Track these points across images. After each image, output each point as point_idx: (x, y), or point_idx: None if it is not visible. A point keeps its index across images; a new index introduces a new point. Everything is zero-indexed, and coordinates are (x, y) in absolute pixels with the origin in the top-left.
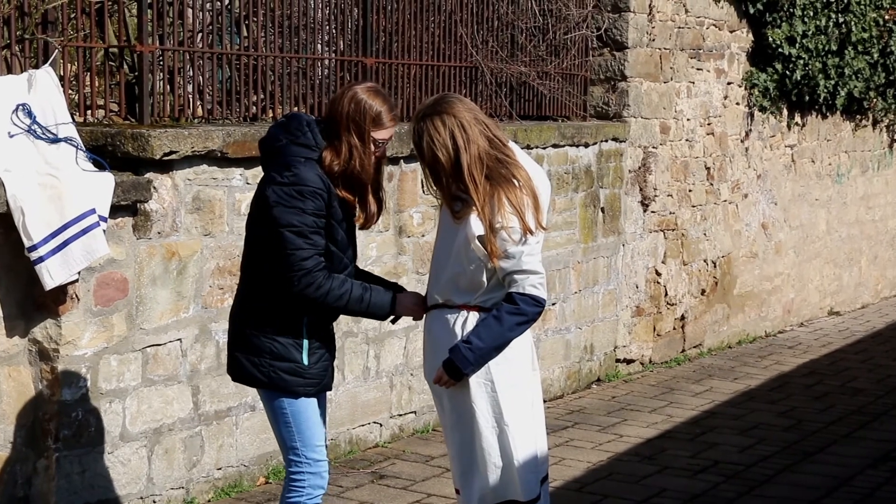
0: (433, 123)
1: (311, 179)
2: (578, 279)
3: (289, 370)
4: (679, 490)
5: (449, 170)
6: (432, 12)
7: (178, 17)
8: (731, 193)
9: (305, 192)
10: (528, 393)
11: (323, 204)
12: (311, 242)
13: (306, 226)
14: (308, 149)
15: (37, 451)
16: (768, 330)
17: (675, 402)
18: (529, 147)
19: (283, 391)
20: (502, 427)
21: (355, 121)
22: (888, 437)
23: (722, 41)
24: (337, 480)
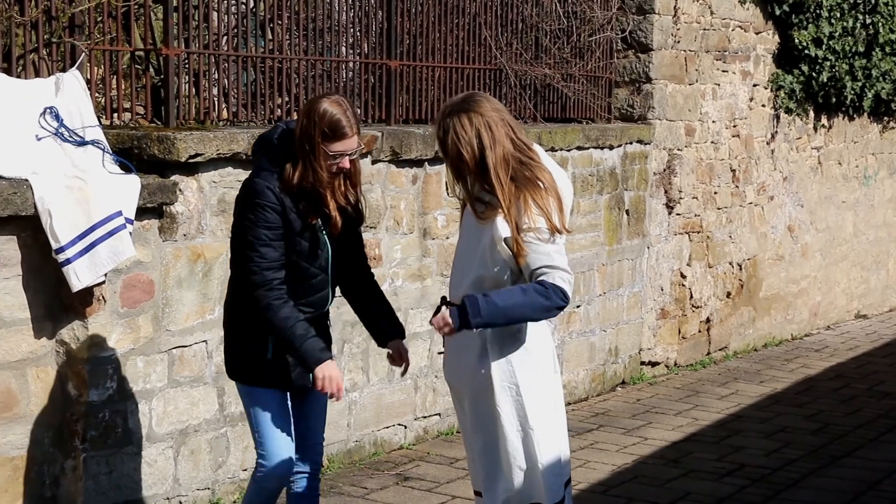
0: (460, 120)
1: (261, 192)
2: (603, 281)
3: (247, 357)
4: (704, 493)
5: (473, 168)
6: (456, 15)
7: (204, 21)
8: (756, 196)
9: (256, 205)
10: (551, 396)
11: (275, 217)
12: (260, 255)
13: (256, 238)
14: (270, 161)
15: (64, 452)
16: (795, 333)
17: (701, 405)
18: (554, 149)
19: (239, 378)
20: (527, 430)
21: (308, 134)
22: None
23: (748, 43)
24: (362, 482)
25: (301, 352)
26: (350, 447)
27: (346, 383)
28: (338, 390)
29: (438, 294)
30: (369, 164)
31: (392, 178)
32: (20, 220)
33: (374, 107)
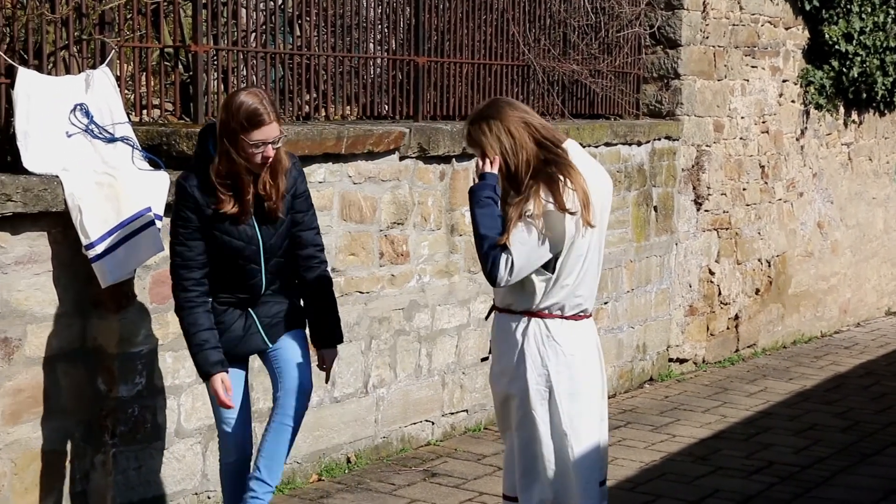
0: (481, 129)
1: (179, 192)
2: (631, 278)
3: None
4: (733, 491)
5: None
6: (484, 11)
7: (232, 17)
8: (786, 192)
9: (175, 205)
10: (588, 398)
11: (189, 214)
12: (176, 253)
13: (174, 237)
14: (198, 158)
15: (94, 447)
16: (824, 330)
17: (729, 403)
18: (582, 145)
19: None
20: (561, 435)
21: (228, 128)
22: None
23: (777, 38)
24: (389, 478)
25: (196, 361)
26: (377, 443)
27: (374, 379)
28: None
29: (466, 290)
30: (397, 160)
31: (419, 175)
32: (50, 217)
33: (402, 103)
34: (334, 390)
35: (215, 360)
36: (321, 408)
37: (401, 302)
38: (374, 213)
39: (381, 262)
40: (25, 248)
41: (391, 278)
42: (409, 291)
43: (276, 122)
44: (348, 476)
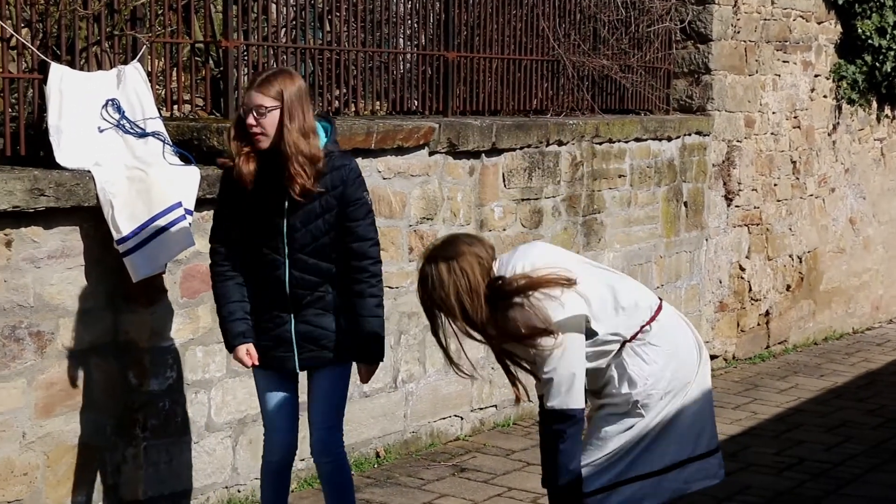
0: (437, 269)
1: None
2: (661, 274)
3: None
4: (764, 487)
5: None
6: (514, 6)
7: (263, 13)
8: (817, 188)
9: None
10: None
11: (225, 187)
12: (212, 226)
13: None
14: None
15: (125, 440)
16: (856, 326)
17: (760, 399)
18: (611, 141)
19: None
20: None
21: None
22: None
23: (809, 33)
24: (418, 473)
25: (223, 333)
26: (406, 438)
27: (403, 374)
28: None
29: None
30: (426, 155)
31: (449, 170)
32: (82, 211)
33: (432, 98)
34: (363, 385)
35: (238, 331)
36: (351, 402)
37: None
38: (403, 209)
39: (410, 257)
40: (58, 243)
41: None
42: None
43: (260, 94)
44: (377, 470)
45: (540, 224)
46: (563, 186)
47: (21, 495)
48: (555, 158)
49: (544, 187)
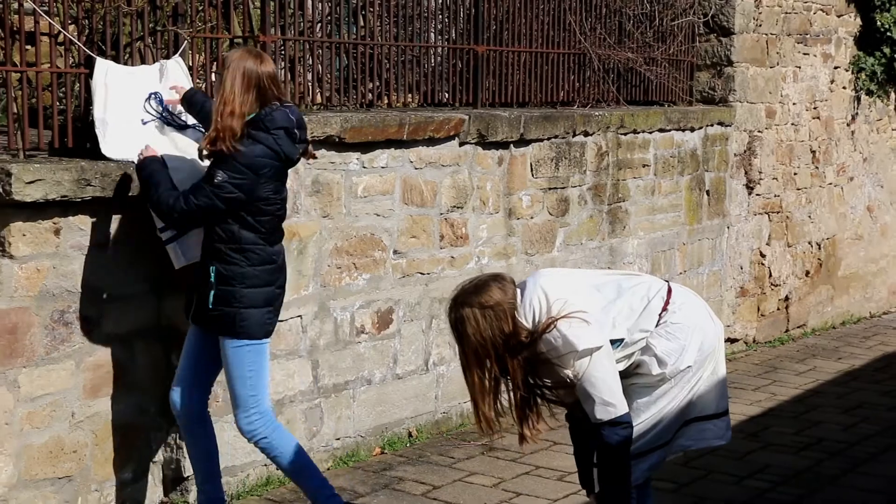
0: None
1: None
2: (683, 260)
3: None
4: (783, 466)
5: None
6: (542, 0)
7: (299, 9)
8: (836, 177)
9: None
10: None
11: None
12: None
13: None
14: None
15: (169, 420)
16: (873, 311)
17: (779, 381)
18: (636, 131)
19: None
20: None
21: None
22: None
23: (829, 26)
24: (449, 452)
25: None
26: (438, 418)
27: (434, 357)
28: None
29: (523, 272)
30: (457, 146)
31: (478, 160)
32: (127, 201)
33: (462, 90)
34: (396, 367)
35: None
36: (384, 384)
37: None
38: (434, 197)
39: (441, 244)
40: (104, 231)
41: (451, 260)
42: (468, 273)
43: None
44: (410, 449)
45: (566, 212)
46: (589, 176)
47: (71, 472)
48: (581, 149)
49: (571, 176)
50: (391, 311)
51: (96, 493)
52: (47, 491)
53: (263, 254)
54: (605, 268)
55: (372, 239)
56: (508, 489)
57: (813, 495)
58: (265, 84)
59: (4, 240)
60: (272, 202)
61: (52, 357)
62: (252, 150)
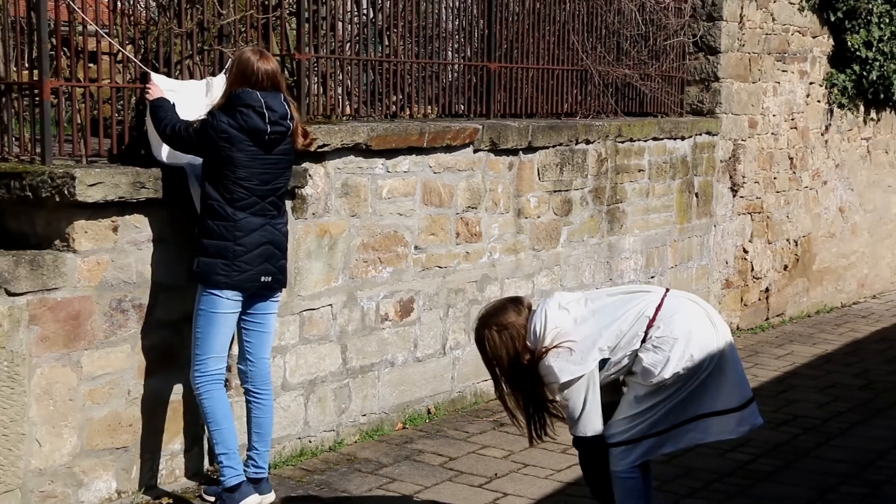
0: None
1: None
2: (675, 255)
3: None
4: (764, 440)
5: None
6: (548, 23)
7: (331, 30)
8: (811, 181)
9: None
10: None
11: None
12: None
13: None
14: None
15: None
16: (844, 301)
17: (760, 364)
18: (633, 140)
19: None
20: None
21: None
22: None
23: (805, 46)
24: (464, 427)
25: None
26: (454, 397)
27: (451, 342)
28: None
29: (531, 266)
30: (471, 152)
31: (491, 165)
32: (176, 202)
33: (476, 103)
34: (416, 351)
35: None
36: (405, 366)
37: (474, 275)
38: (451, 199)
39: (457, 240)
40: (156, 228)
41: (466, 255)
42: (481, 266)
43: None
44: (429, 425)
45: (570, 212)
46: (590, 179)
47: (127, 443)
48: (583, 155)
49: (574, 180)
50: (412, 301)
51: (149, 461)
52: (106, 459)
53: (223, 211)
54: (604, 261)
55: (395, 236)
56: (517, 461)
57: (790, 466)
58: (260, 77)
59: (69, 236)
60: (237, 168)
61: (111, 341)
62: (220, 116)
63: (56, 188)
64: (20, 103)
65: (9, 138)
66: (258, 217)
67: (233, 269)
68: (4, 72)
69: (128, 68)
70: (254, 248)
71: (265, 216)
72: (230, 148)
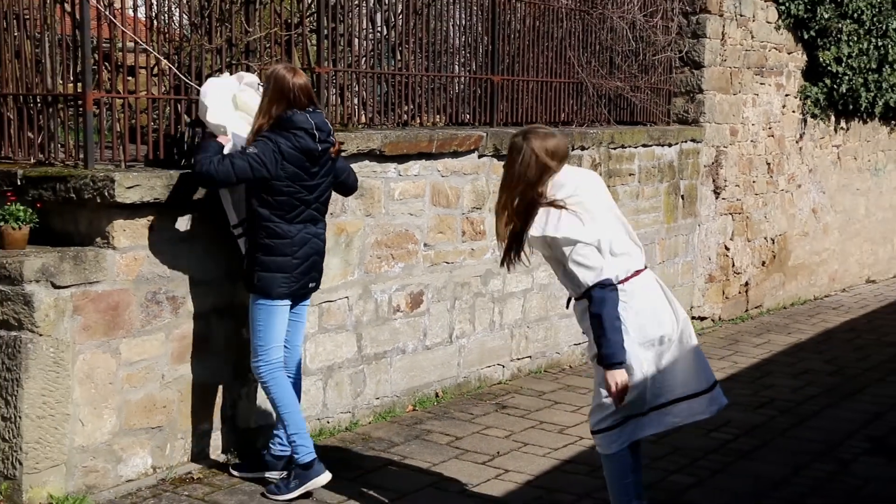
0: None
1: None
2: (663, 252)
3: None
4: (743, 421)
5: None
6: (546, 39)
7: (348, 46)
8: (787, 184)
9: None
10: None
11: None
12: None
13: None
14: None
15: (240, 382)
16: (816, 294)
17: (740, 352)
18: (624, 146)
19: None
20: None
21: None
22: None
23: (781, 61)
24: (468, 409)
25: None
26: (459, 382)
27: (457, 331)
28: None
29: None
30: (476, 158)
31: (494, 169)
32: (206, 203)
33: (480, 112)
34: (426, 340)
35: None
36: (416, 353)
37: (478, 270)
38: (457, 200)
39: (463, 238)
40: (188, 227)
41: (471, 251)
42: (485, 262)
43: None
44: (436, 407)
45: None
46: None
47: (161, 423)
48: (578, 160)
49: None
50: (422, 294)
51: (181, 440)
52: (142, 438)
53: (279, 229)
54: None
55: (406, 234)
56: (518, 440)
57: (767, 445)
58: (297, 93)
59: (109, 234)
60: (292, 185)
61: (146, 330)
62: (279, 140)
63: (97, 190)
64: (66, 113)
65: (55, 145)
66: (307, 226)
67: (291, 282)
68: (52, 84)
69: (162, 81)
70: (306, 260)
71: (313, 223)
72: (289, 167)
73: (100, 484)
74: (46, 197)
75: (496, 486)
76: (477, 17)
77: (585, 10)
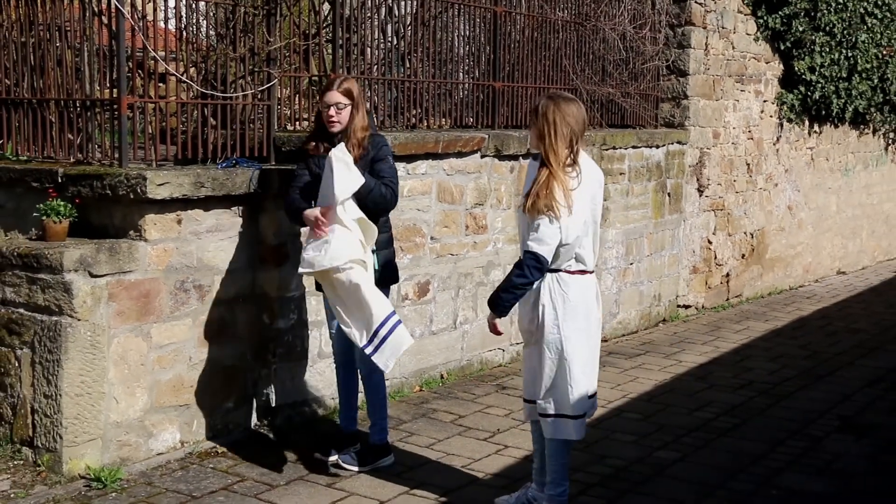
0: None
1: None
2: (650, 246)
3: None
4: (723, 402)
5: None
6: (544, 49)
7: (361, 54)
8: (765, 183)
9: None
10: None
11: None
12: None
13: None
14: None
15: (260, 364)
16: (791, 285)
17: (721, 338)
18: (615, 148)
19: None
20: (562, 360)
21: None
22: (881, 365)
23: (760, 70)
24: (471, 390)
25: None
26: (463, 364)
27: (461, 318)
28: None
29: None
30: (479, 158)
31: (495, 169)
32: (231, 198)
33: (483, 116)
34: (432, 325)
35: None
36: (423, 338)
37: (481, 262)
38: (461, 197)
39: (466, 232)
40: (213, 221)
41: (474, 244)
42: (486, 254)
43: (335, 92)
44: (442, 388)
45: None
46: None
47: (188, 401)
48: None
49: None
50: (428, 283)
51: (207, 417)
52: (171, 415)
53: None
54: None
55: (414, 228)
56: (516, 418)
57: (746, 423)
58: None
59: (141, 227)
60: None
61: (175, 315)
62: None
63: (130, 187)
64: (102, 116)
65: (93, 146)
66: None
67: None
68: (90, 90)
69: (190, 87)
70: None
71: None
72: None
73: (132, 457)
74: (84, 193)
75: (496, 460)
76: (480, 29)
77: (580, 23)
